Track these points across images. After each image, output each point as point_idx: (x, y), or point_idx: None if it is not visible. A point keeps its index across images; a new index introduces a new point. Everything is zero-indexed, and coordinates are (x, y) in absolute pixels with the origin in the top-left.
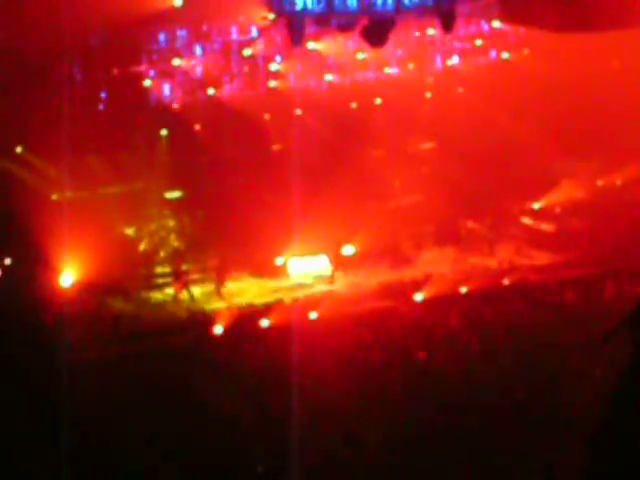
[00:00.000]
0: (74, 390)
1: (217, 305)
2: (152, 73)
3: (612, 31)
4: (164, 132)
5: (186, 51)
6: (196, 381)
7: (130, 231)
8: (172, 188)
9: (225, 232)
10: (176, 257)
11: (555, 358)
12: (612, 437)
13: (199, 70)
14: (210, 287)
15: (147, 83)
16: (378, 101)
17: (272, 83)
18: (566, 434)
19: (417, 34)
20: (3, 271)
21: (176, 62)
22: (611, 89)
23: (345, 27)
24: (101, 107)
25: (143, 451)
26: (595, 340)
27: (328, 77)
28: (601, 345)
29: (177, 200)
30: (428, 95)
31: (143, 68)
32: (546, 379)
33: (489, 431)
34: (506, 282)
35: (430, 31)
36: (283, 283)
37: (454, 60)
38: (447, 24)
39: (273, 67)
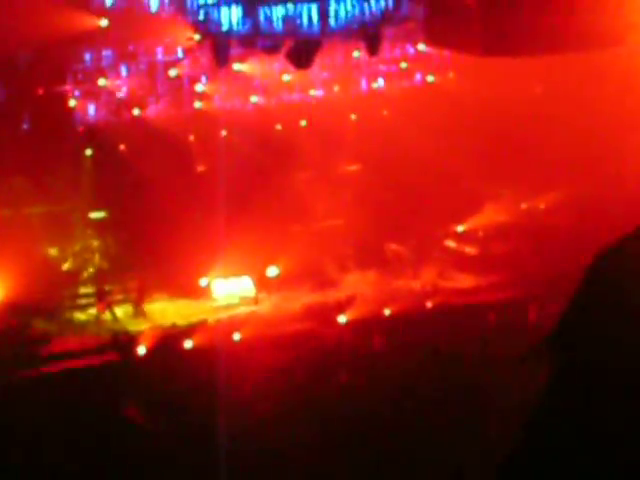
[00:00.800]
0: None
1: (140, 326)
2: (77, 93)
3: (536, 56)
4: (88, 152)
5: (111, 71)
6: (117, 401)
7: (53, 251)
8: (96, 208)
9: (149, 252)
10: (99, 277)
11: (475, 378)
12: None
13: (124, 90)
14: (134, 307)
15: (72, 103)
16: (303, 123)
17: (197, 104)
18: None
19: (342, 57)
20: None
21: (101, 82)
22: (534, 114)
23: (271, 49)
24: (25, 127)
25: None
26: (513, 359)
27: (253, 98)
28: (519, 364)
29: (101, 220)
30: (353, 117)
31: (68, 88)
32: (467, 399)
33: (409, 448)
34: (429, 305)
35: (355, 54)
36: (207, 304)
37: (379, 83)
38: (372, 47)
39: (198, 88)
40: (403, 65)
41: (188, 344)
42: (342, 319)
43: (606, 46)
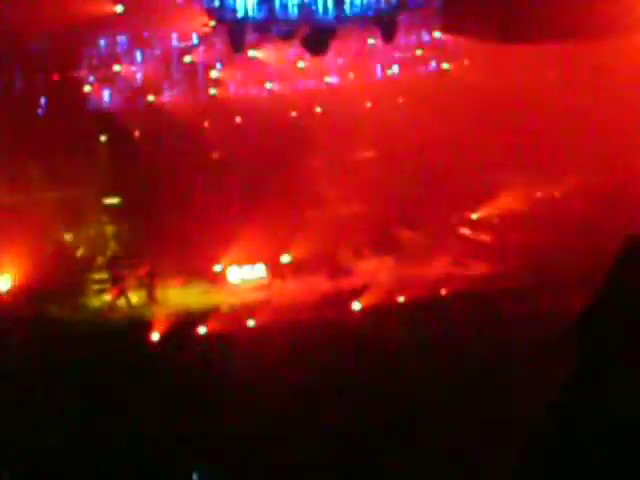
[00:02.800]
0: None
1: (154, 311)
2: (92, 79)
3: (551, 43)
4: (103, 138)
5: (126, 57)
6: (131, 387)
7: (68, 237)
8: (111, 194)
9: (163, 239)
10: (113, 263)
11: (493, 368)
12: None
13: (139, 76)
14: (148, 293)
15: (87, 89)
16: (318, 110)
17: (212, 90)
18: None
19: (357, 43)
20: None
21: (116, 68)
22: (549, 100)
23: (286, 35)
24: (40, 112)
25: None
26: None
27: (268, 85)
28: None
29: (115, 206)
30: (368, 104)
31: (83, 74)
32: (485, 388)
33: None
34: (443, 292)
35: (371, 40)
36: (221, 290)
37: (394, 70)
38: (388, 34)
39: (213, 74)
40: (418, 52)
41: (202, 330)
42: (356, 306)
43: (621, 34)
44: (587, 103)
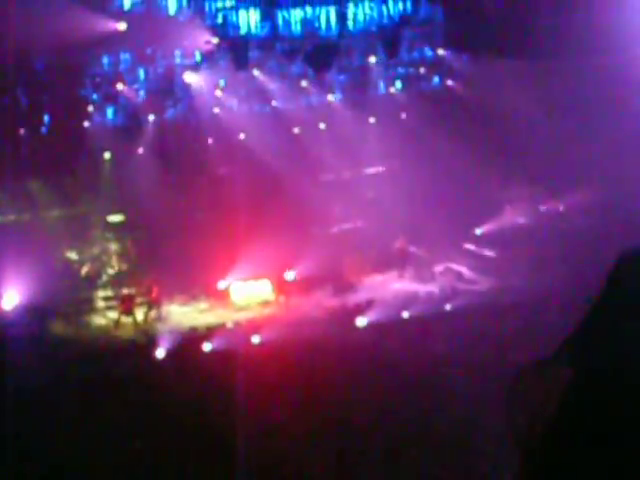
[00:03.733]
0: (15, 414)
1: (160, 329)
2: (95, 97)
3: (555, 59)
4: (107, 156)
5: (129, 75)
6: (138, 405)
7: (72, 254)
8: (115, 212)
9: (167, 256)
10: (118, 281)
11: (497, 384)
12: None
13: (142, 94)
14: (153, 311)
15: (90, 107)
16: (322, 126)
17: (215, 108)
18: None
19: (360, 60)
20: None
21: (119, 86)
22: (554, 116)
23: (289, 52)
24: (43, 130)
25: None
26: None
27: (272, 102)
28: (540, 367)
29: (120, 224)
30: (371, 121)
31: (86, 91)
32: (488, 402)
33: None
34: (448, 308)
35: (373, 57)
36: (226, 307)
37: (397, 86)
38: (391, 50)
39: (216, 92)
40: (422, 68)
41: (207, 347)
42: (361, 322)
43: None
44: (590, 116)
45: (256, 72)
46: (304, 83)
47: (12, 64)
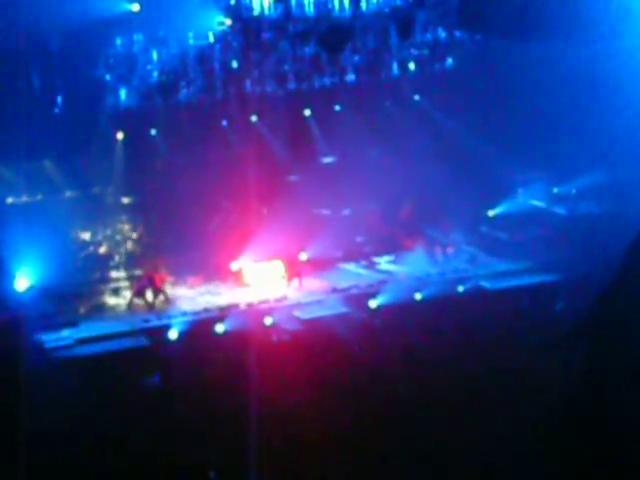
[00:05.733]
0: (31, 395)
1: (173, 309)
2: (108, 78)
3: (570, 40)
4: (120, 137)
5: (142, 56)
6: (148, 386)
7: (85, 236)
8: (128, 193)
9: (180, 237)
10: (131, 262)
11: (511, 364)
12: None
13: (155, 75)
14: (160, 296)
15: (103, 88)
16: (336, 108)
17: (229, 89)
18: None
19: (374, 40)
20: None
21: (133, 67)
22: (567, 98)
23: (302, 33)
24: (57, 111)
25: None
26: (544, 345)
27: (285, 83)
28: (550, 350)
29: (133, 205)
30: (384, 102)
31: (100, 72)
32: (502, 385)
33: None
34: (461, 289)
35: (387, 38)
36: (238, 288)
37: (411, 67)
38: (404, 31)
39: (230, 73)
40: (435, 49)
41: (220, 328)
42: (373, 304)
43: None
44: (605, 98)
45: (269, 53)
46: (317, 63)
47: (25, 46)
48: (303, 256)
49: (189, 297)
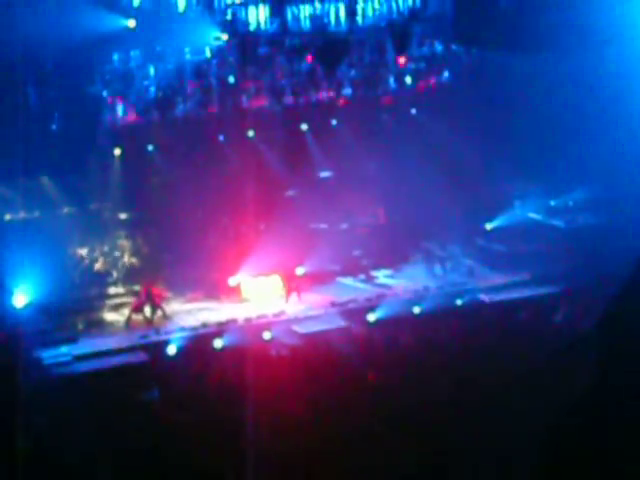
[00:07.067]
0: (30, 411)
1: (171, 324)
2: (105, 94)
3: (565, 52)
4: (117, 152)
5: (139, 72)
6: (148, 401)
7: (83, 252)
8: (126, 209)
9: (178, 253)
10: (129, 278)
11: (508, 376)
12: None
13: (152, 91)
14: (158, 311)
15: (100, 104)
16: (333, 122)
17: (225, 103)
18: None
19: (370, 55)
20: None
21: (129, 83)
22: (563, 109)
23: (298, 48)
24: (54, 128)
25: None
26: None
27: (281, 98)
28: (556, 361)
29: (130, 221)
30: (381, 115)
31: (96, 89)
32: (500, 397)
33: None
34: (459, 302)
35: (383, 52)
36: (236, 303)
37: (407, 81)
38: (400, 45)
39: (226, 88)
40: (431, 63)
41: (218, 344)
42: (371, 317)
43: None
44: (601, 110)
45: (265, 68)
46: (313, 77)
47: (22, 62)
48: (301, 270)
49: (187, 312)
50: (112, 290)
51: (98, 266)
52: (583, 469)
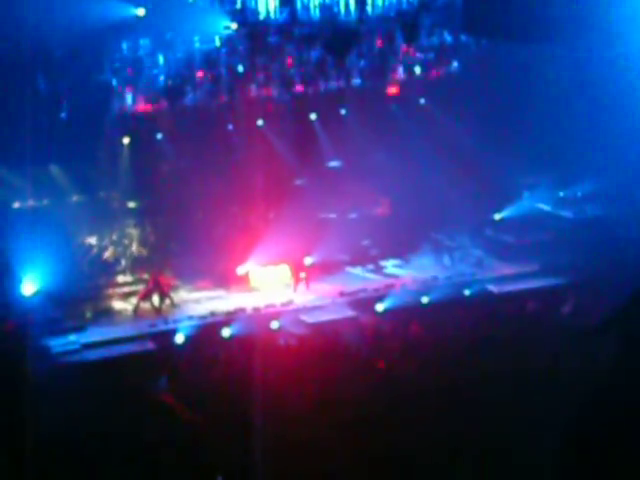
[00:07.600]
0: (38, 399)
1: (179, 313)
2: (115, 82)
3: (575, 43)
4: (126, 141)
5: (149, 60)
6: (155, 390)
7: (92, 240)
8: (134, 197)
9: (187, 241)
10: (138, 266)
11: (517, 367)
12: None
13: (162, 79)
14: (166, 300)
15: (110, 92)
16: (342, 112)
17: (235, 92)
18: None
19: (380, 44)
20: None
21: (139, 71)
22: (572, 101)
23: (308, 37)
24: (63, 116)
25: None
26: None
27: (291, 87)
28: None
29: (139, 209)
30: (390, 105)
31: (106, 77)
32: (514, 386)
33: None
34: (467, 293)
35: (393, 41)
36: (245, 292)
37: (417, 71)
38: (410, 34)
39: (235, 77)
40: (441, 53)
41: (226, 332)
42: (380, 307)
43: None
44: (610, 100)
45: (275, 57)
46: (323, 67)
47: (31, 51)
48: (309, 260)
49: (195, 301)
50: (120, 279)
51: (107, 254)
52: (608, 458)
